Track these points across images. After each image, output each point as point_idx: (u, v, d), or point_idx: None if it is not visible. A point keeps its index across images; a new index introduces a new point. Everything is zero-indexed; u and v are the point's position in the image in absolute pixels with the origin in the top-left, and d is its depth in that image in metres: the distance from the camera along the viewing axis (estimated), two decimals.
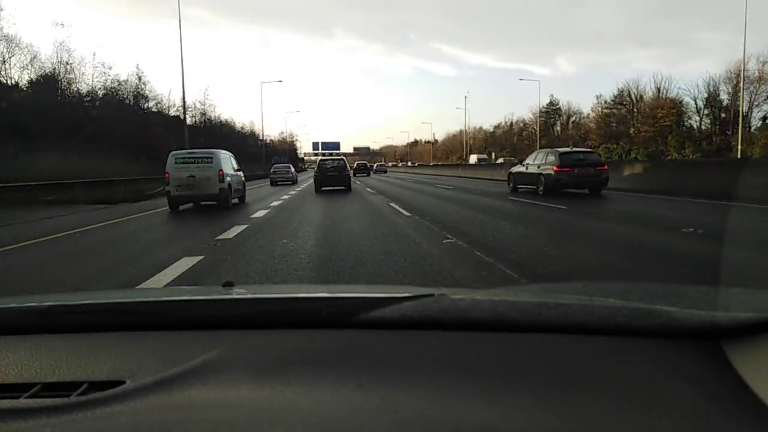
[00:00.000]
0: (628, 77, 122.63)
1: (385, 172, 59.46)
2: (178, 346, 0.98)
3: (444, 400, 0.72)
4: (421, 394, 0.74)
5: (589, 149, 21.41)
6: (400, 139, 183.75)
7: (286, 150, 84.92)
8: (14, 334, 1.06)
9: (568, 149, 18.49)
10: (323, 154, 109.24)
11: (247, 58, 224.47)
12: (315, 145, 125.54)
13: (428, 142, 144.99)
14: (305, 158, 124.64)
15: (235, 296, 1.35)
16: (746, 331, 0.83)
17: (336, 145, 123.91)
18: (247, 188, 16.77)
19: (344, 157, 24.58)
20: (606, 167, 15.75)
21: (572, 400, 0.72)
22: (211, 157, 14.08)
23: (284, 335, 1.02)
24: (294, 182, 31.77)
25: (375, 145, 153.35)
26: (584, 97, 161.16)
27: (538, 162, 16.48)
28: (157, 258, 6.21)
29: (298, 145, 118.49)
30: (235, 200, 15.10)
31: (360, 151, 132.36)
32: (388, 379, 0.79)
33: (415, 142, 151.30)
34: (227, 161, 14.85)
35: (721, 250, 5.84)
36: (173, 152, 14.53)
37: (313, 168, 27.25)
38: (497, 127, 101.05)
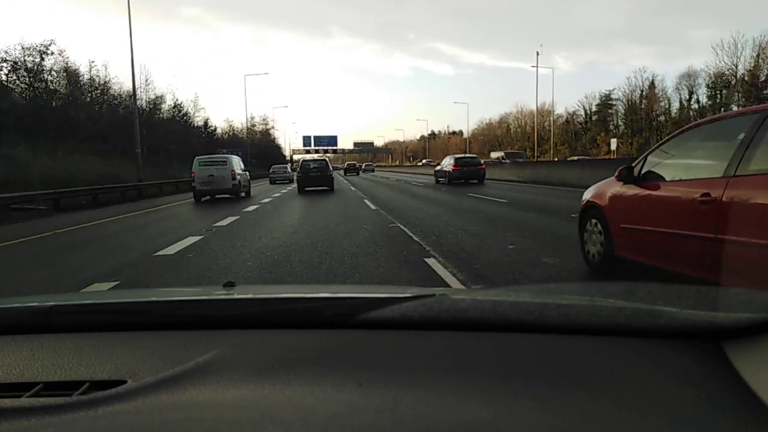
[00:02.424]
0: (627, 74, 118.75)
1: (373, 171, 69.96)
2: (179, 345, 0.98)
3: (444, 400, 0.73)
4: (421, 394, 0.74)
5: (473, 155, 30.21)
6: (413, 132, 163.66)
7: (247, 142, 58.11)
8: (16, 334, 1.07)
9: (461, 155, 27.75)
10: (317, 152, 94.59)
11: (244, 56, 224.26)
12: (306, 140, 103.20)
13: (453, 132, 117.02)
14: (293, 155, 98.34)
15: (235, 296, 1.35)
16: (747, 331, 0.83)
17: (332, 140, 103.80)
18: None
19: (327, 158, 25.00)
20: (483, 166, 25.76)
21: (572, 400, 0.72)
22: (226, 160, 19.32)
23: (285, 335, 1.02)
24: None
25: (380, 141, 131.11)
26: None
27: (446, 163, 26.24)
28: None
29: (276, 134, 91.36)
30: (243, 194, 20.02)
31: (362, 147, 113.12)
32: (388, 379, 0.79)
33: (434, 135, 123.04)
34: (237, 163, 20.03)
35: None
36: (197, 157, 19.59)
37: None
38: (608, 100, 64.02)
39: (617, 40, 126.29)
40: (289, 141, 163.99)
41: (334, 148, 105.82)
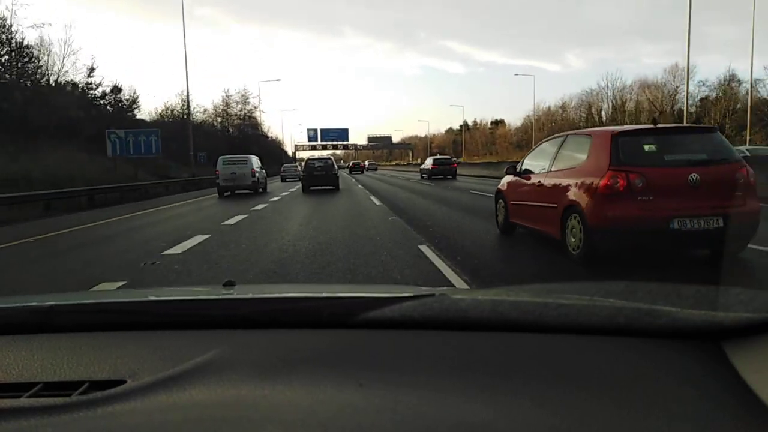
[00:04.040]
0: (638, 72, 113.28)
1: (376, 169, 71.54)
2: (179, 345, 0.98)
3: (444, 400, 0.73)
4: (421, 394, 0.74)
5: (447, 156, 39.86)
6: (440, 124, 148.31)
7: (190, 123, 35.53)
8: (15, 334, 1.06)
9: (439, 156, 37.94)
10: (324, 147, 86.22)
11: (255, 53, 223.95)
12: (312, 135, 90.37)
13: (496, 122, 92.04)
14: (297, 151, 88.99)
15: (235, 296, 1.35)
16: (747, 331, 0.83)
17: (342, 134, 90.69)
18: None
19: (332, 157, 25.03)
20: (455, 165, 34.23)
21: (572, 400, 0.72)
22: (246, 160, 22.11)
23: (285, 335, 1.02)
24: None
25: (398, 135, 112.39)
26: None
27: (428, 163, 34.93)
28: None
29: (261, 118, 66.46)
30: (260, 189, 22.82)
31: (377, 143, 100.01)
32: (388, 379, 0.79)
33: (467, 126, 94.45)
34: (256, 162, 22.85)
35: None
36: (221, 156, 22.46)
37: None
38: None
39: (630, 37, 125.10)
40: (291, 135, 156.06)
41: (345, 143, 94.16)
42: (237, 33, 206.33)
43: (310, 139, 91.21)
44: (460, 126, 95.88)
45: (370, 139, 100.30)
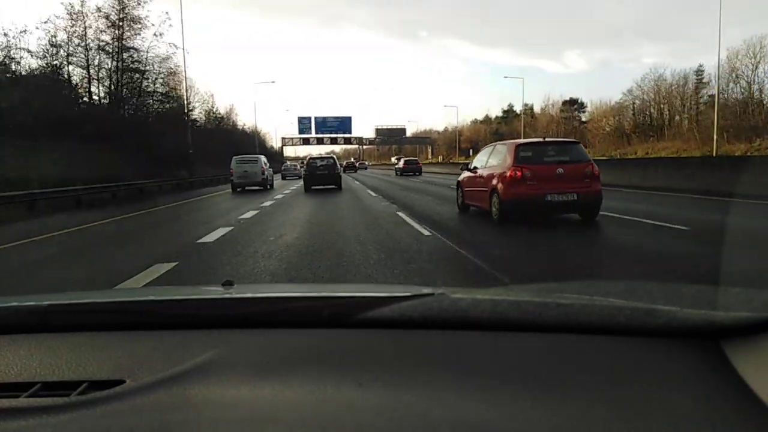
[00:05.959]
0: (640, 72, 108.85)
1: (366, 168, 70.01)
2: (178, 345, 0.98)
3: (444, 400, 0.73)
4: (421, 394, 0.74)
5: (414, 158, 51.49)
6: (466, 115, 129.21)
7: None
8: (14, 334, 1.06)
9: (408, 158, 49.61)
10: (320, 141, 75.27)
11: (250, 45, 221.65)
12: (304, 125, 74.73)
13: (571, 102, 63.57)
14: (284, 146, 75.91)
15: (235, 295, 1.34)
16: (746, 331, 0.83)
17: (344, 124, 76.21)
18: None
19: (334, 156, 25.02)
20: (420, 164, 44.98)
21: (572, 400, 0.72)
22: (257, 160, 25.46)
23: (284, 335, 1.02)
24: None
25: (413, 127, 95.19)
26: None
27: (400, 163, 44.04)
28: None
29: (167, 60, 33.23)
30: (268, 186, 25.34)
31: (386, 136, 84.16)
32: (388, 379, 0.79)
33: (513, 114, 69.28)
34: (265, 161, 25.98)
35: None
36: (235, 156, 25.67)
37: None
38: None
39: (633, 36, 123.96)
40: (276, 126, 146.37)
41: (348, 135, 77.47)
42: (233, 24, 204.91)
43: (301, 131, 75.88)
44: (504, 111, 71.64)
45: (379, 132, 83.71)
